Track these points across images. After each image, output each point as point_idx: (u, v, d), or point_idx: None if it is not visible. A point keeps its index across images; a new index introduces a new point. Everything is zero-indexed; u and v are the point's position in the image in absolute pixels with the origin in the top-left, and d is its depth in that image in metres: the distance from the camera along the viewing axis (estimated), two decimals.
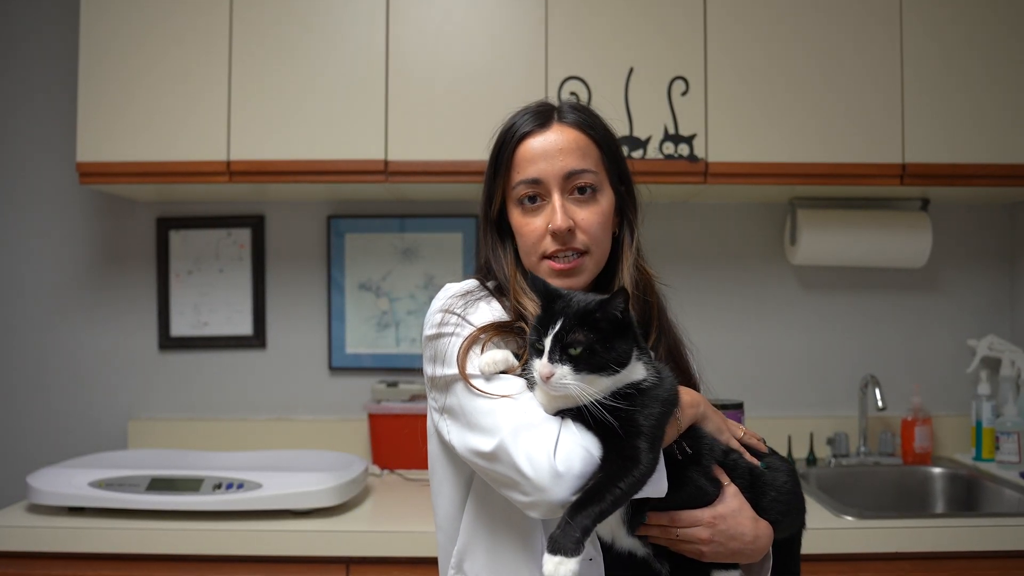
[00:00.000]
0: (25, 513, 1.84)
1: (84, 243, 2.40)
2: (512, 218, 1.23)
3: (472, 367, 1.10)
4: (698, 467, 1.11)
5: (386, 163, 2.01)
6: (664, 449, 1.06)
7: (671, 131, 2.03)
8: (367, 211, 2.38)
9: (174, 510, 1.78)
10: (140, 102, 2.02)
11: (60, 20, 2.35)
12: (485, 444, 1.05)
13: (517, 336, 1.15)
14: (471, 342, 1.12)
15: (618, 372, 1.02)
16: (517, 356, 1.12)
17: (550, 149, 1.19)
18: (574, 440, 1.03)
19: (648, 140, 2.03)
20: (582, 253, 1.19)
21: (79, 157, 2.02)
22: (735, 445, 1.18)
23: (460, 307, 1.17)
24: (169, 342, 2.38)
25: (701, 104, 2.03)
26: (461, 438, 1.11)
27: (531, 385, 1.09)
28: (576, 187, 1.19)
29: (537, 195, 1.19)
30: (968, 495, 2.14)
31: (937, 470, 2.22)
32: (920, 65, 2.04)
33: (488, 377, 1.09)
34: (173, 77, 2.03)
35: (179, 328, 2.38)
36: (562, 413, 1.05)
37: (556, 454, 1.01)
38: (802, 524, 1.22)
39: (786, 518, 1.17)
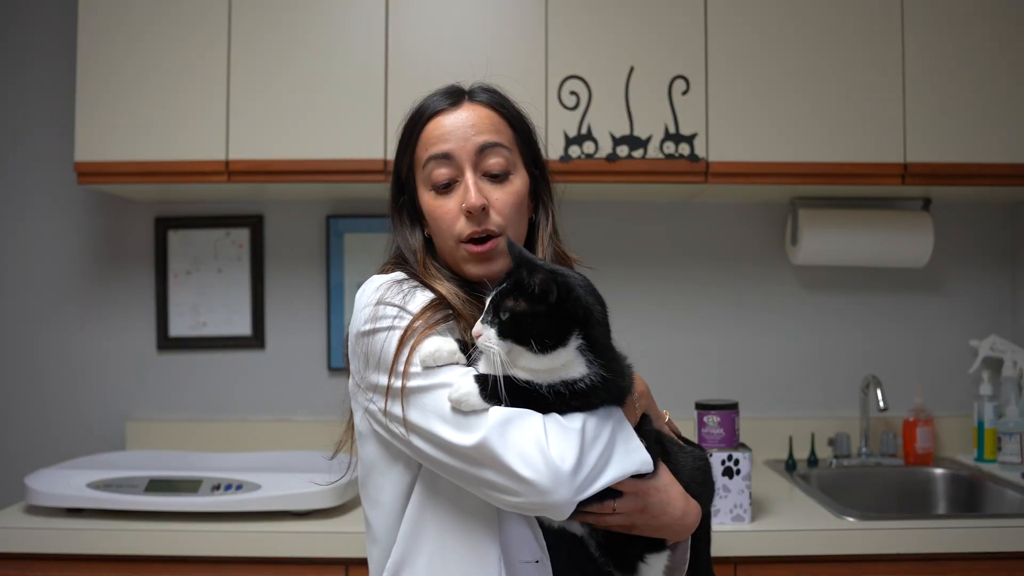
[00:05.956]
0: (23, 514, 1.83)
1: (82, 243, 2.39)
2: (423, 202, 1.18)
3: (430, 361, 1.04)
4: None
5: (386, 163, 2.00)
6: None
7: (672, 130, 2.02)
8: (366, 211, 2.37)
9: (172, 511, 1.77)
10: (138, 101, 2.01)
11: (58, 19, 2.34)
12: (465, 440, 0.98)
13: (457, 320, 1.11)
14: (423, 333, 1.06)
15: (539, 353, 0.98)
16: (462, 344, 1.07)
17: (462, 125, 1.16)
18: (559, 426, 0.99)
19: (648, 140, 2.02)
20: (496, 236, 1.15)
21: (77, 156, 2.01)
22: (667, 431, 1.19)
23: (398, 298, 1.10)
24: (167, 343, 2.37)
25: (702, 103, 2.02)
26: (424, 441, 1.03)
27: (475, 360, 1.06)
28: (490, 171, 1.15)
29: (451, 180, 1.15)
30: (970, 496, 2.14)
31: (939, 471, 2.21)
32: (922, 64, 2.04)
33: (434, 369, 1.03)
34: (172, 76, 2.01)
35: (177, 328, 2.37)
36: (522, 401, 1.01)
37: (550, 448, 0.96)
38: (708, 511, 1.23)
39: (704, 489, 1.18)
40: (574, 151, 2.01)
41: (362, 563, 1.69)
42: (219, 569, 1.73)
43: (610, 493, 1.03)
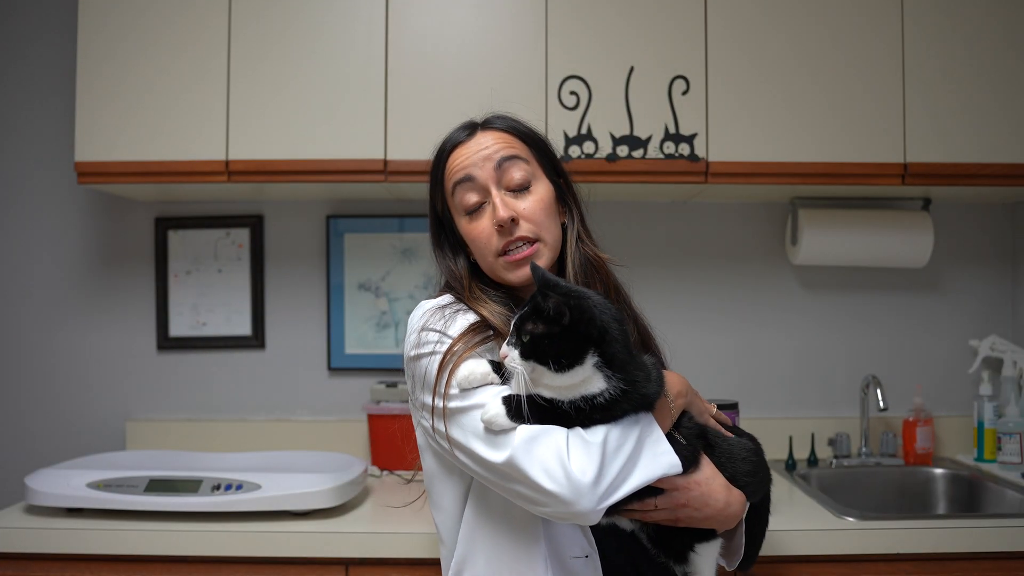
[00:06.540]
0: (23, 514, 1.83)
1: (82, 243, 2.40)
2: (461, 229, 1.27)
3: (465, 384, 1.12)
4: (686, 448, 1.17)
5: (385, 163, 2.01)
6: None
7: (672, 130, 2.02)
8: (366, 211, 2.38)
9: (173, 511, 1.77)
10: (138, 102, 2.02)
11: (59, 19, 2.35)
12: (496, 456, 1.06)
13: (498, 340, 1.18)
14: (461, 357, 1.14)
15: (558, 372, 1.03)
16: (496, 365, 1.14)
17: (479, 150, 1.25)
18: (581, 441, 1.05)
19: (648, 140, 2.02)
20: (533, 241, 1.23)
21: (77, 157, 2.01)
22: (713, 424, 1.25)
23: (440, 323, 1.19)
24: (167, 342, 2.38)
25: (702, 103, 2.02)
26: (466, 456, 1.12)
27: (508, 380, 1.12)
28: (512, 185, 1.23)
29: (480, 203, 1.24)
30: (970, 496, 2.14)
31: (939, 471, 2.21)
32: (921, 64, 2.04)
33: (471, 390, 1.12)
34: (172, 76, 2.02)
35: (177, 328, 2.37)
36: (545, 418, 1.07)
37: (571, 462, 1.02)
38: (767, 495, 1.29)
39: (754, 478, 1.22)
40: (574, 151, 2.01)
41: (361, 562, 1.73)
42: (219, 569, 1.73)
43: (651, 491, 1.09)
